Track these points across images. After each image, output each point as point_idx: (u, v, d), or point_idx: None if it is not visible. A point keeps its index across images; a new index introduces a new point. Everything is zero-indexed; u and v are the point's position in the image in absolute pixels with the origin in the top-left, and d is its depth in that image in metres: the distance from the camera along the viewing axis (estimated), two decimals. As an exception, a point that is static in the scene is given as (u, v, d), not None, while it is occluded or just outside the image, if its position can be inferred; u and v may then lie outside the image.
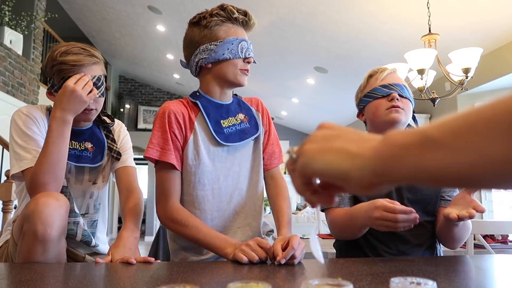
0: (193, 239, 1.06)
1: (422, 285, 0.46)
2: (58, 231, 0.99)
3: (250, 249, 0.93)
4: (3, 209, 2.17)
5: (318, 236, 0.90)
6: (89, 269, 0.88)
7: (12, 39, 4.37)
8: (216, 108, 1.18)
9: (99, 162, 1.31)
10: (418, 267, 0.85)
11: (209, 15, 1.14)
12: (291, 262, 0.93)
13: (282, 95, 6.80)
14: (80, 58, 1.19)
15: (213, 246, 1.02)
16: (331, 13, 3.94)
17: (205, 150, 1.14)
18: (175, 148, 1.11)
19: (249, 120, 1.22)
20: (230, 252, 0.97)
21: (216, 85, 1.18)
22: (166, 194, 1.12)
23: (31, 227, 0.96)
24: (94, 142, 1.32)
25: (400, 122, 1.20)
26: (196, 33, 1.15)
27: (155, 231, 7.29)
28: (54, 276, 0.76)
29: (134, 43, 6.52)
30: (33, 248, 0.97)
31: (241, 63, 1.15)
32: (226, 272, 0.84)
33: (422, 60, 2.56)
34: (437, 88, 4.41)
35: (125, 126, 1.47)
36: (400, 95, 1.20)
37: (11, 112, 1.36)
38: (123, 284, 0.72)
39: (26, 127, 1.18)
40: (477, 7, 3.34)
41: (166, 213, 1.11)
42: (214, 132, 1.14)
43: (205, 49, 1.14)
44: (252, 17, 1.18)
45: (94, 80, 1.21)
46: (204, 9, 1.18)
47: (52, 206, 0.98)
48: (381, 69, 1.28)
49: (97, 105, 1.27)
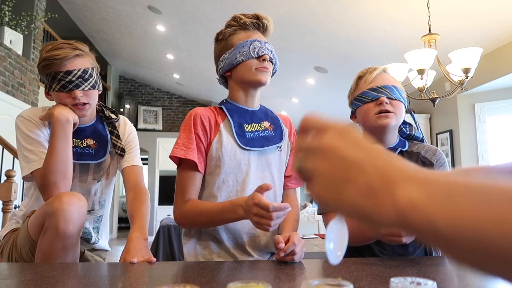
0: (206, 220, 1.07)
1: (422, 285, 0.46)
2: (78, 229, 1.06)
3: (259, 217, 0.92)
4: (3, 209, 2.17)
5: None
6: (89, 269, 0.88)
7: (12, 39, 4.37)
8: (241, 112, 1.20)
9: (102, 158, 1.32)
10: (418, 267, 0.85)
11: (224, 28, 1.21)
12: (290, 259, 0.93)
13: (282, 95, 6.80)
14: (61, 52, 1.21)
15: (224, 216, 1.03)
16: (331, 13, 3.95)
17: (232, 152, 1.15)
18: (198, 149, 1.13)
19: (275, 129, 1.23)
20: (242, 212, 0.98)
21: (240, 90, 1.20)
22: (183, 193, 1.12)
23: (53, 223, 1.02)
24: (96, 139, 1.33)
25: (390, 126, 1.19)
26: (217, 48, 1.23)
27: (155, 231, 7.30)
28: (54, 276, 0.76)
29: (134, 43, 6.52)
30: (54, 244, 1.03)
31: (256, 62, 1.16)
32: (226, 272, 0.84)
33: (422, 60, 2.56)
34: (437, 88, 4.41)
35: (132, 124, 1.48)
36: (389, 97, 1.19)
37: (11, 112, 1.39)
38: (123, 284, 0.72)
39: (29, 130, 1.24)
40: (477, 8, 3.34)
41: (181, 210, 1.11)
42: (236, 135, 1.15)
43: (222, 59, 1.19)
44: (264, 19, 1.20)
45: (79, 73, 1.22)
46: (204, 9, 1.19)
47: (75, 205, 1.05)
48: (370, 69, 1.26)
49: (89, 99, 1.26)
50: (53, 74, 1.21)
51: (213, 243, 1.15)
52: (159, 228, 4.41)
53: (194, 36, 5.44)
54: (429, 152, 1.22)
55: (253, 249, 1.15)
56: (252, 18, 1.19)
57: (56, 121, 1.19)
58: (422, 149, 1.24)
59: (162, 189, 8.22)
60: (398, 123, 1.23)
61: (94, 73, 1.28)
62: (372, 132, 1.25)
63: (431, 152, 1.22)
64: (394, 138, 1.26)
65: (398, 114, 1.20)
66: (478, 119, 4.55)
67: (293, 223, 1.18)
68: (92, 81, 1.26)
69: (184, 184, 1.12)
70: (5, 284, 0.70)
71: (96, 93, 1.30)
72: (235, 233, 1.14)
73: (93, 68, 1.29)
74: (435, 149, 1.23)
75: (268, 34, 1.23)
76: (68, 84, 1.22)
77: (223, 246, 1.14)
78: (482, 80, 4.15)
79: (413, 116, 1.41)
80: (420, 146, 1.25)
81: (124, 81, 8.99)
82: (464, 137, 4.57)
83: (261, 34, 1.20)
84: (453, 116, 4.69)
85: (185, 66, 6.91)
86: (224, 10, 4.43)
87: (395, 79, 1.27)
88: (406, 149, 1.23)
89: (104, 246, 1.40)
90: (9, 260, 1.22)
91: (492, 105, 4.48)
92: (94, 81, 1.28)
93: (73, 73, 1.22)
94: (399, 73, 2.77)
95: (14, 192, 2.13)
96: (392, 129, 1.22)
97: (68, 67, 1.22)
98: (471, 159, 4.53)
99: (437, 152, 1.22)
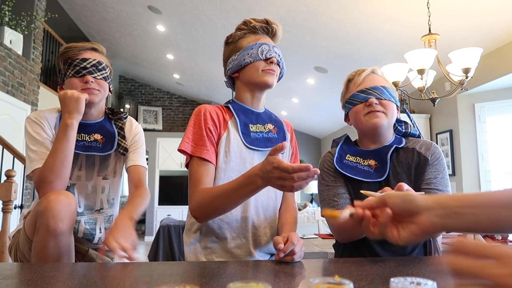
0: (224, 202, 1.03)
1: (422, 285, 0.46)
2: (68, 226, 1.08)
3: (282, 180, 0.88)
4: (3, 209, 2.17)
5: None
6: (89, 269, 0.88)
7: (12, 39, 4.37)
8: (246, 112, 1.22)
9: (109, 151, 1.36)
10: (418, 267, 0.85)
11: (234, 32, 1.24)
12: (290, 258, 0.94)
13: (282, 95, 6.80)
14: (81, 43, 1.34)
15: (243, 191, 0.99)
16: (331, 13, 3.95)
17: (238, 150, 1.16)
18: (210, 143, 1.14)
19: (278, 132, 1.26)
20: (260, 181, 0.94)
21: (247, 91, 1.23)
22: (197, 184, 1.10)
23: (43, 222, 1.04)
24: (103, 134, 1.37)
25: (382, 125, 1.20)
26: (226, 51, 1.26)
27: (155, 231, 7.29)
28: (54, 276, 0.76)
29: (134, 43, 6.52)
30: (46, 242, 1.05)
31: (263, 64, 1.19)
32: (226, 272, 0.84)
33: (422, 60, 2.56)
34: (437, 88, 4.41)
35: (139, 125, 1.51)
36: (379, 98, 1.20)
37: (11, 112, 1.43)
38: (123, 284, 0.72)
39: (34, 132, 1.28)
40: (477, 7, 3.34)
41: (196, 199, 1.07)
42: (242, 134, 1.17)
43: (231, 61, 1.22)
44: (274, 24, 1.24)
45: (94, 62, 1.32)
46: (204, 9, 1.21)
47: (62, 202, 1.07)
48: (358, 72, 1.28)
49: (100, 87, 1.33)
50: (70, 61, 1.30)
51: (215, 243, 1.15)
52: (159, 228, 4.41)
53: (194, 36, 5.44)
54: (424, 147, 1.22)
55: (255, 248, 1.16)
56: (262, 22, 1.23)
57: (64, 101, 1.25)
58: (417, 144, 1.24)
59: (162, 189, 8.21)
60: (390, 122, 1.24)
61: (107, 69, 1.36)
62: (366, 133, 1.27)
63: (425, 146, 1.22)
64: (390, 137, 1.26)
65: (389, 113, 1.21)
66: (478, 119, 4.55)
67: (291, 224, 1.19)
68: (105, 73, 1.34)
69: (197, 176, 1.10)
70: (5, 284, 0.70)
71: (107, 86, 1.37)
72: (239, 232, 1.15)
73: (107, 65, 1.37)
74: (429, 143, 1.23)
75: (276, 39, 1.27)
76: (82, 69, 1.30)
77: (226, 245, 1.14)
78: (482, 80, 4.15)
79: (408, 114, 1.43)
80: (415, 142, 1.26)
81: (124, 81, 8.99)
82: (464, 137, 4.57)
83: (269, 39, 1.24)
84: (453, 116, 4.69)
85: (185, 66, 6.92)
86: (224, 10, 4.43)
87: (385, 79, 1.28)
88: (402, 145, 1.24)
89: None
90: (15, 260, 1.26)
91: (492, 105, 4.48)
92: (107, 75, 1.36)
93: (88, 60, 1.31)
94: (399, 73, 2.77)
95: (14, 192, 2.13)
96: (385, 128, 1.22)
97: (84, 55, 1.32)
98: (471, 159, 4.53)
99: (432, 146, 1.22)
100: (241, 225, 1.14)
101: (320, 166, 1.30)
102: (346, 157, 1.26)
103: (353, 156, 1.25)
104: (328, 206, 1.21)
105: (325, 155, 1.32)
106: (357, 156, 1.25)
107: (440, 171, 1.18)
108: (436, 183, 1.16)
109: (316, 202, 7.83)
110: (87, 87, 1.29)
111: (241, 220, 1.15)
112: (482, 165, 4.47)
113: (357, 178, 1.20)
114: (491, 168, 4.42)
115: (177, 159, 8.13)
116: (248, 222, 1.15)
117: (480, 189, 4.43)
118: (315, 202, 7.85)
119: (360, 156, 1.24)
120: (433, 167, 1.18)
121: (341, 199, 1.20)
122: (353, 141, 1.34)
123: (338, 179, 1.24)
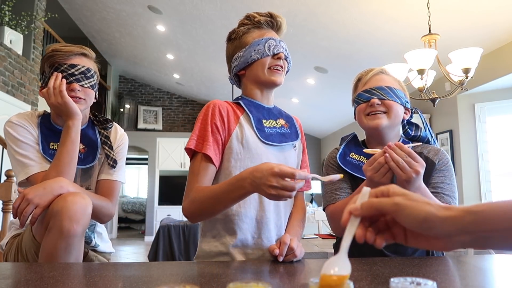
0: (213, 203, 0.98)
1: (422, 285, 0.46)
2: (83, 228, 1.04)
3: (279, 189, 0.84)
4: (3, 209, 2.17)
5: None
6: (89, 269, 0.88)
7: (12, 39, 4.37)
8: (258, 108, 1.18)
9: (90, 163, 1.30)
10: (418, 267, 0.85)
11: (237, 27, 1.20)
12: (292, 256, 0.95)
13: (282, 95, 6.80)
14: (69, 48, 1.26)
15: (232, 195, 0.94)
16: (331, 13, 3.94)
17: (253, 146, 1.11)
18: (214, 140, 1.08)
19: (290, 127, 1.23)
20: (248, 186, 0.89)
21: (256, 89, 1.19)
22: (193, 183, 1.05)
23: (58, 223, 1.00)
24: (86, 143, 1.32)
25: (383, 126, 1.20)
26: (230, 47, 1.21)
27: (155, 231, 7.29)
28: (54, 276, 0.76)
29: (134, 43, 6.52)
30: (57, 244, 1.01)
31: (271, 60, 1.15)
32: (226, 272, 0.84)
33: (422, 60, 2.55)
34: (437, 88, 4.41)
35: (125, 134, 1.44)
36: (382, 98, 1.20)
37: (11, 112, 1.39)
38: (123, 284, 0.72)
39: (20, 135, 1.22)
40: (477, 7, 3.34)
41: (188, 198, 1.04)
42: (256, 129, 1.13)
43: (236, 58, 1.18)
44: (278, 17, 1.20)
45: (83, 69, 1.25)
46: (204, 9, 1.20)
47: (79, 204, 1.04)
48: (367, 71, 1.28)
49: (86, 95, 1.28)
50: (57, 66, 1.23)
51: (230, 240, 1.08)
52: (159, 228, 4.41)
53: (194, 36, 5.44)
54: (432, 152, 1.23)
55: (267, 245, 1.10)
56: (266, 16, 1.19)
57: (59, 108, 1.21)
58: (425, 149, 1.24)
59: (162, 189, 8.21)
60: (394, 123, 1.23)
61: (95, 76, 1.30)
62: (370, 133, 1.27)
63: (433, 152, 1.23)
64: (396, 138, 1.26)
65: (392, 114, 1.20)
66: (478, 119, 4.55)
67: (294, 227, 1.16)
68: (92, 81, 1.29)
69: (195, 174, 1.06)
70: (5, 284, 0.70)
71: (93, 94, 1.31)
72: (262, 228, 1.09)
73: (95, 72, 1.31)
74: (438, 149, 1.24)
75: (281, 33, 1.23)
76: (70, 76, 1.24)
77: (242, 243, 1.08)
78: (482, 80, 4.15)
79: (421, 116, 1.40)
80: (423, 147, 1.26)
81: (124, 81, 8.99)
82: (464, 137, 4.57)
83: (274, 33, 1.20)
84: (453, 116, 4.69)
85: (185, 66, 6.91)
86: (224, 10, 4.43)
87: (394, 79, 1.27)
88: None
89: (107, 250, 1.41)
90: None
91: (492, 105, 4.48)
92: (94, 83, 1.30)
93: (77, 67, 1.25)
94: (399, 73, 2.76)
95: (14, 192, 2.13)
96: (388, 129, 1.22)
97: (73, 61, 1.25)
98: (471, 159, 4.53)
99: (440, 152, 1.22)
100: (264, 219, 1.09)
101: (326, 161, 1.33)
102: (350, 154, 1.27)
103: (358, 155, 1.26)
104: (329, 199, 1.23)
105: (332, 151, 1.34)
106: (361, 155, 1.25)
107: (447, 177, 1.18)
108: (443, 187, 1.16)
109: (316, 202, 7.83)
110: (72, 95, 1.23)
111: (259, 220, 1.10)
112: (482, 165, 4.46)
113: (358, 175, 1.21)
114: (491, 168, 4.42)
115: (177, 159, 8.13)
116: (270, 216, 1.11)
117: (480, 189, 4.43)
118: (315, 202, 7.85)
119: (365, 156, 1.25)
120: (440, 172, 1.18)
121: (343, 193, 1.22)
122: (361, 140, 1.34)
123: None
